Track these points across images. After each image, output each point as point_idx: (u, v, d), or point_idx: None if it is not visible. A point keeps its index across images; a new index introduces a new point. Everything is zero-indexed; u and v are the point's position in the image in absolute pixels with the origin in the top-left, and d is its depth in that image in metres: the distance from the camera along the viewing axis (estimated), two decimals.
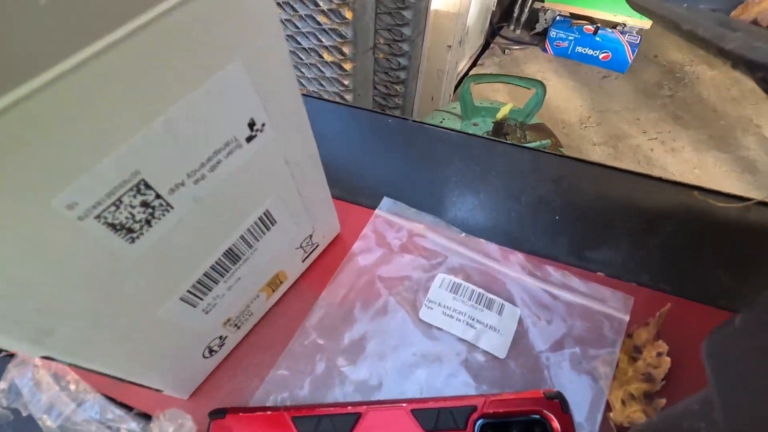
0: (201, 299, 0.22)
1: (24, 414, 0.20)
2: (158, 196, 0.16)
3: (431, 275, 0.29)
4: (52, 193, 0.13)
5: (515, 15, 1.96)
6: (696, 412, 0.17)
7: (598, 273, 0.29)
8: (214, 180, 0.18)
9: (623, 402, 0.24)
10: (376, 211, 0.32)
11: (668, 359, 0.25)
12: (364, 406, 0.24)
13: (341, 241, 0.31)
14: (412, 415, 0.23)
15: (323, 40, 0.85)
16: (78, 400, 0.23)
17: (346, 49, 0.84)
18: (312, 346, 0.27)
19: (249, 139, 0.19)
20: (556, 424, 0.23)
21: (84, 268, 0.15)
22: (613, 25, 1.85)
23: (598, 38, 1.84)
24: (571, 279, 0.28)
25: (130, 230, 0.16)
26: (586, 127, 1.65)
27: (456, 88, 1.49)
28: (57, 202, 0.13)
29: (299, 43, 0.91)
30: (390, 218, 0.32)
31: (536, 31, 2.02)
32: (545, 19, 1.98)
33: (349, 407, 0.24)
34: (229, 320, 0.25)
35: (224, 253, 0.21)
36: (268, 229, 0.24)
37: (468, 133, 0.36)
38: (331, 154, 0.36)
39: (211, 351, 0.25)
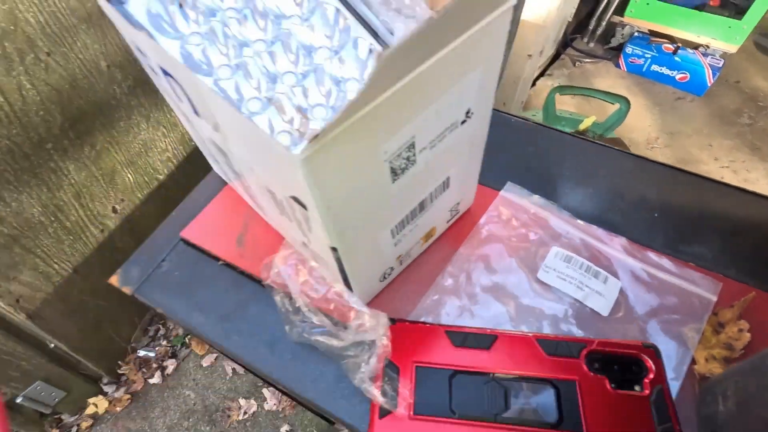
0: (396, 234, 0.30)
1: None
2: (414, 154, 0.24)
3: (547, 249, 0.37)
4: (381, 145, 0.22)
5: (591, 28, 1.95)
6: None
7: (690, 264, 0.35)
8: (439, 147, 0.26)
9: (706, 359, 0.30)
10: (501, 192, 0.40)
11: (748, 334, 0.31)
12: (499, 331, 0.31)
13: (472, 213, 0.39)
14: (536, 343, 0.31)
15: None
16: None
17: None
18: (450, 287, 0.35)
19: (463, 122, 0.27)
20: (650, 364, 0.29)
21: (372, 192, 0.24)
22: (695, 46, 1.80)
23: (677, 58, 1.79)
24: (666, 262, 0.35)
25: (395, 173, 0.24)
26: (652, 147, 1.63)
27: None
28: (380, 150, 0.22)
29: None
30: (512, 199, 0.39)
31: (611, 45, 1.99)
32: (622, 35, 1.95)
33: (488, 330, 0.31)
34: (400, 256, 0.33)
35: (419, 203, 0.30)
36: (443, 192, 0.32)
37: (581, 137, 0.42)
38: None
39: (384, 276, 0.34)
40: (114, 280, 0.38)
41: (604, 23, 1.92)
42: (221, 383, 1.30)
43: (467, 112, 0.26)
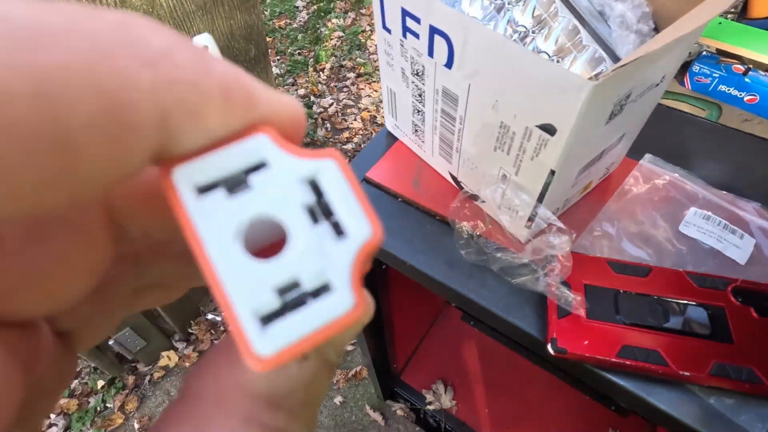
0: (579, 175, 0.37)
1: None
2: (625, 104, 0.32)
3: (685, 208, 0.43)
4: (618, 89, 0.29)
5: None
6: None
7: None
8: (637, 103, 0.33)
9: None
10: (641, 162, 0.46)
11: None
12: (653, 265, 0.38)
13: (616, 175, 0.46)
14: (686, 276, 0.37)
15: None
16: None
17: None
18: (600, 233, 0.42)
19: (656, 85, 0.34)
20: None
21: (594, 128, 0.31)
22: (767, 68, 1.77)
23: (747, 80, 1.77)
24: None
25: (610, 116, 0.32)
26: None
27: None
28: (615, 94, 0.29)
29: None
30: (651, 168, 0.46)
31: None
32: (689, 53, 1.95)
33: (643, 263, 0.38)
34: (567, 200, 0.41)
35: (601, 152, 0.37)
36: (614, 147, 0.39)
37: (712, 121, 0.48)
38: None
39: (556, 210, 0.41)
40: None
41: None
42: None
43: (663, 77, 0.33)
